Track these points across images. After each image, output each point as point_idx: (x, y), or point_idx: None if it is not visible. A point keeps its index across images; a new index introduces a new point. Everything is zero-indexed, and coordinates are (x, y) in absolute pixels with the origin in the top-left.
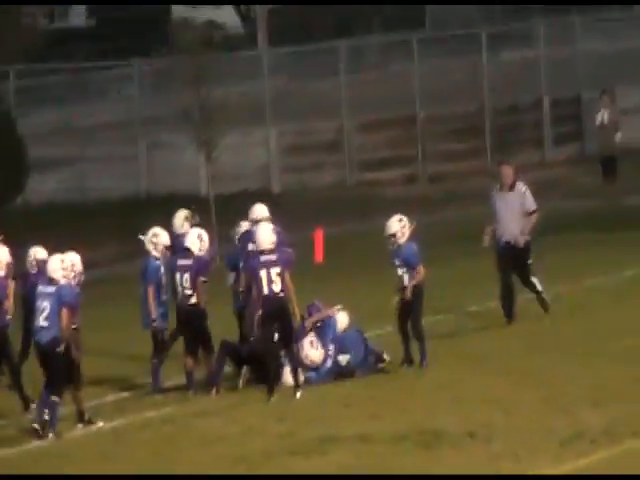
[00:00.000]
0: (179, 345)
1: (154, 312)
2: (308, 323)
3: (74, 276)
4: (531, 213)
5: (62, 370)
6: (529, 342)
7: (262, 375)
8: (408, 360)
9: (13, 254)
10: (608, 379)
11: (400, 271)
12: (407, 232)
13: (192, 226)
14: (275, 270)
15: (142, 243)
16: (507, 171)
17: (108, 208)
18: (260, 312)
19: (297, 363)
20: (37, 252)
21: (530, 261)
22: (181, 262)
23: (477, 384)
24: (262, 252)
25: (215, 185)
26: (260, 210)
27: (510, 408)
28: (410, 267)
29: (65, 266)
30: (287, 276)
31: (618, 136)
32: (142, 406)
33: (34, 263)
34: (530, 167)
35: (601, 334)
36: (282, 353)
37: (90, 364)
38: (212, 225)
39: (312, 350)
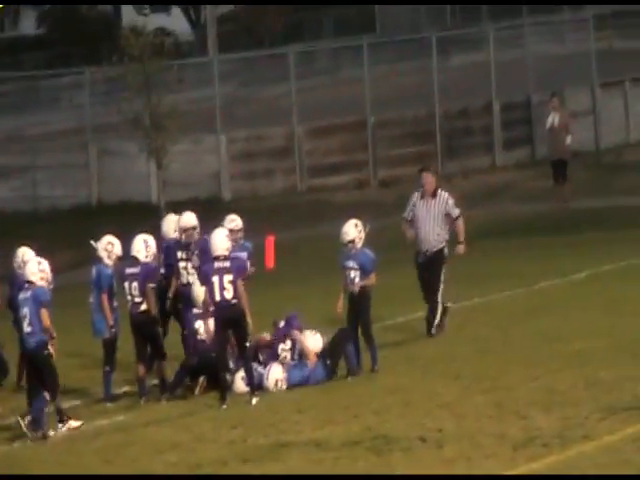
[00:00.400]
0: (129, 353)
1: (111, 319)
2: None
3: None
4: (456, 219)
5: (54, 371)
6: (479, 346)
7: (213, 383)
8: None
9: None
10: (559, 382)
11: (353, 273)
12: (363, 236)
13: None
14: (228, 277)
15: (93, 250)
16: (428, 178)
17: (59, 216)
18: (213, 319)
19: (251, 370)
20: (25, 253)
21: (443, 275)
22: (129, 270)
23: (428, 389)
24: (216, 258)
25: (166, 192)
26: (188, 218)
27: (461, 412)
28: (365, 272)
29: (42, 268)
30: (240, 284)
31: (568, 139)
32: (94, 414)
33: (22, 264)
34: (480, 171)
35: (552, 337)
36: (233, 361)
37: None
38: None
39: (272, 371)
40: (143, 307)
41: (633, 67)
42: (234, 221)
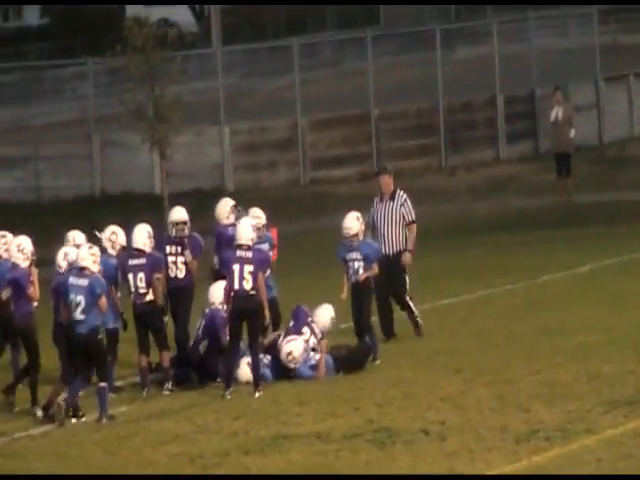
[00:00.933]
0: (132, 345)
1: (120, 308)
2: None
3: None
4: (410, 224)
5: (105, 356)
6: (481, 340)
7: (212, 375)
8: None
9: None
10: (562, 376)
11: (357, 264)
12: (364, 229)
13: (237, 218)
14: (248, 268)
15: (98, 241)
16: (386, 180)
17: (62, 206)
18: (230, 307)
19: (258, 364)
20: (75, 236)
21: (407, 280)
22: (133, 262)
23: (430, 382)
24: (239, 247)
25: (169, 183)
26: (179, 213)
27: (464, 405)
28: (368, 262)
29: (94, 252)
30: (260, 276)
31: (572, 133)
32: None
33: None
34: (484, 164)
35: (554, 331)
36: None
37: (44, 362)
38: (165, 223)
39: (292, 343)
40: (149, 297)
41: (637, 61)
42: (258, 218)
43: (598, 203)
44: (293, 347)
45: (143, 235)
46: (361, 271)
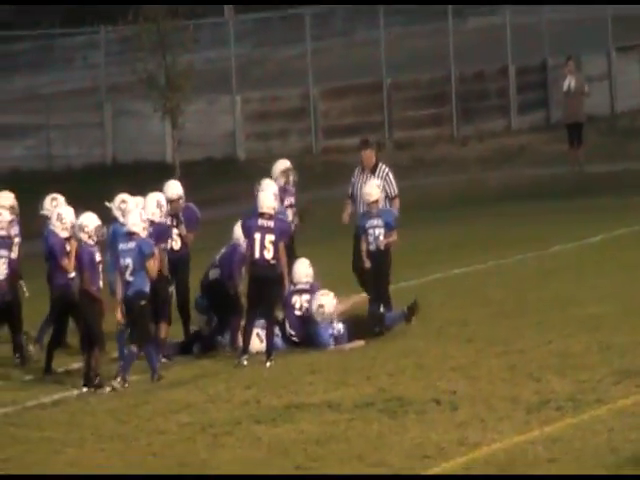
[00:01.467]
0: None
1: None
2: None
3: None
4: (393, 198)
5: (146, 323)
6: (493, 310)
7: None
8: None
9: None
10: (573, 346)
11: (377, 231)
12: (384, 196)
13: (286, 183)
14: (270, 237)
15: (109, 210)
16: (367, 154)
17: (74, 175)
18: (248, 275)
19: (272, 333)
20: (124, 199)
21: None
22: None
23: (441, 352)
24: (261, 215)
25: (181, 152)
26: (174, 189)
27: (475, 375)
28: (388, 230)
29: (145, 219)
30: (282, 246)
31: (584, 103)
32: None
33: (120, 211)
34: (496, 134)
35: (565, 301)
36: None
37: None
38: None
39: (325, 297)
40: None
41: None
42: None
43: (610, 173)
44: (326, 301)
45: (152, 205)
46: (381, 238)
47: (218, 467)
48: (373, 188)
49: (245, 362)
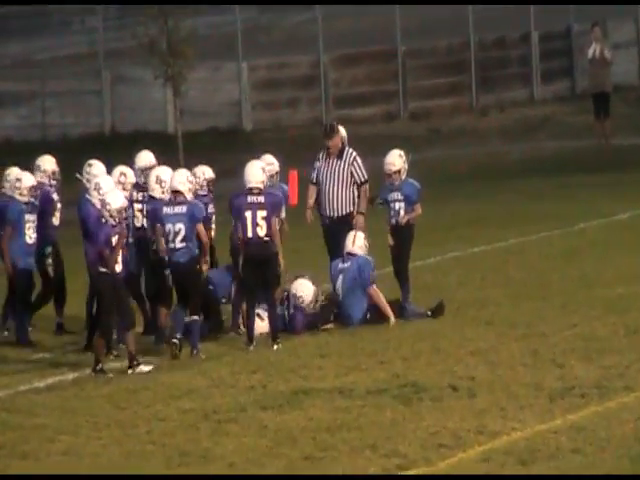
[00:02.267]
0: None
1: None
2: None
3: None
4: (361, 184)
5: (201, 289)
6: (513, 291)
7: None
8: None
9: None
10: (599, 329)
11: (398, 205)
12: (407, 167)
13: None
14: (261, 213)
15: (80, 183)
16: (334, 141)
17: (70, 145)
18: (242, 256)
19: (276, 314)
20: (205, 171)
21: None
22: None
23: (459, 335)
24: (250, 191)
25: (183, 122)
26: (146, 157)
27: (495, 360)
28: (410, 203)
29: (191, 179)
30: (274, 221)
31: (611, 72)
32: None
33: (204, 183)
34: (517, 104)
35: (591, 282)
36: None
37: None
38: (180, 163)
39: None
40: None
41: None
42: (270, 165)
43: (638, 146)
44: (303, 291)
45: (152, 181)
46: (402, 213)
47: (222, 456)
48: (395, 157)
49: (252, 347)
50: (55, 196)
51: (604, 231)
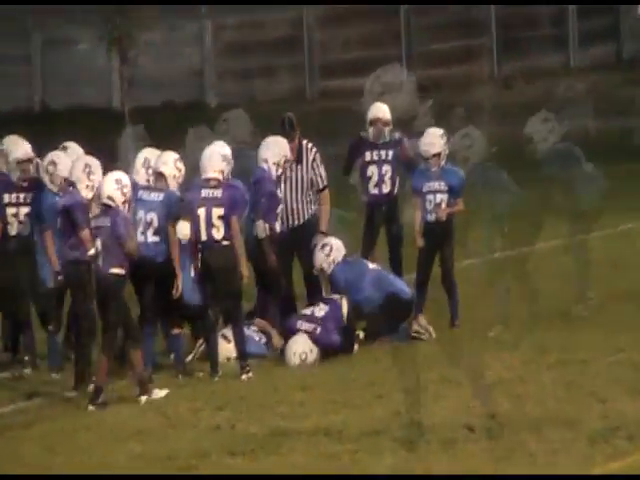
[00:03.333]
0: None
1: (56, 264)
2: None
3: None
4: (321, 190)
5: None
6: (545, 305)
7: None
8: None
9: None
10: None
11: (439, 197)
12: (447, 151)
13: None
14: (218, 211)
15: None
16: (293, 146)
17: None
18: (198, 264)
19: (242, 335)
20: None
21: None
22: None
23: (475, 362)
24: (206, 182)
25: (132, 95)
26: (23, 147)
27: (521, 393)
28: (453, 195)
29: (180, 167)
30: (234, 221)
31: None
32: (38, 385)
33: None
34: (549, 74)
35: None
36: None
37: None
38: (125, 147)
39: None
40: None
41: None
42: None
43: None
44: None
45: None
46: (443, 205)
47: None
48: (435, 137)
49: (217, 378)
50: None
51: None
